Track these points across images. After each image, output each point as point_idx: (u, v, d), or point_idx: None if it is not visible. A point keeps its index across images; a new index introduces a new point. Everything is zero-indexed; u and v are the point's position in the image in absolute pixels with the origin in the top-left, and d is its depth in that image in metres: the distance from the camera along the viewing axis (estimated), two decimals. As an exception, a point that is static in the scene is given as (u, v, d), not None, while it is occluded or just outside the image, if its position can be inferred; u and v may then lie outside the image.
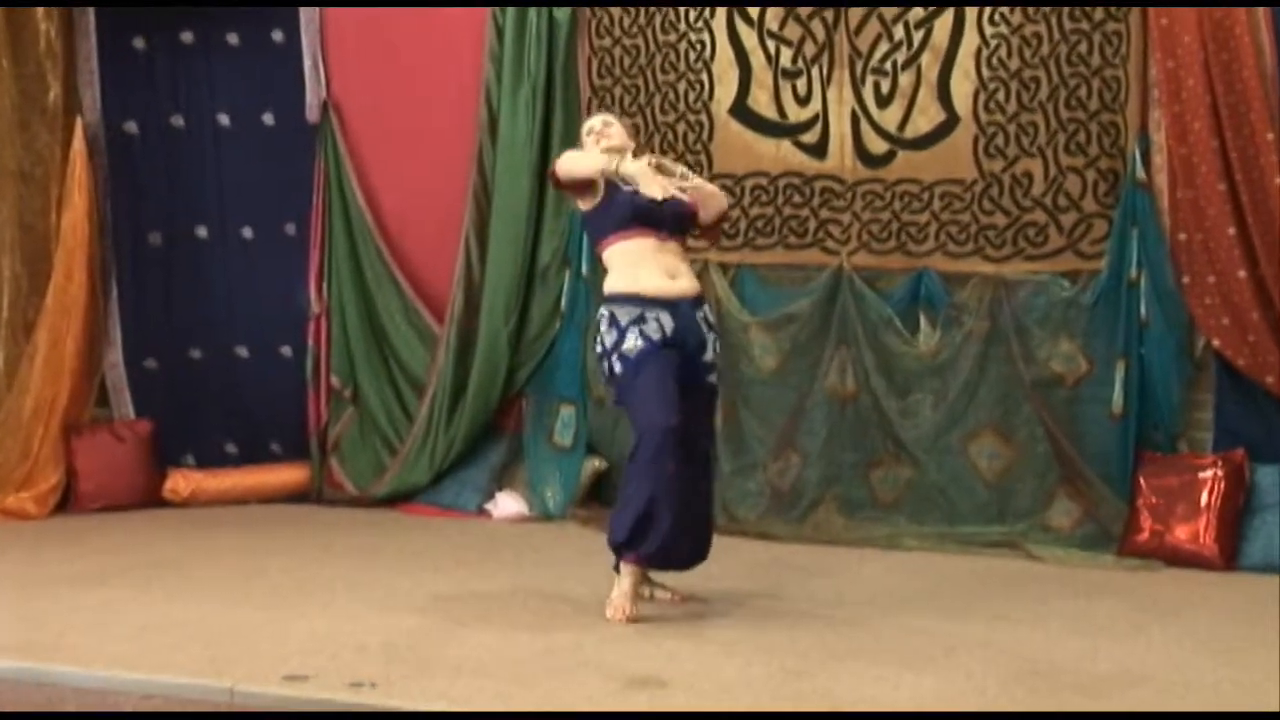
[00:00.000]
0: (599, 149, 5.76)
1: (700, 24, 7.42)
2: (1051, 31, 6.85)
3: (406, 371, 8.05)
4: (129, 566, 6.58)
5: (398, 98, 8.00)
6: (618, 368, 5.57)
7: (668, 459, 5.42)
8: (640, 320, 5.56)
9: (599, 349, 5.67)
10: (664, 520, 5.47)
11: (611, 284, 5.69)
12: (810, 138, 7.29)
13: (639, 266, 5.63)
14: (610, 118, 6.02)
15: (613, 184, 5.66)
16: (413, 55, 7.95)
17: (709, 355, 5.69)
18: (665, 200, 5.68)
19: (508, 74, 7.68)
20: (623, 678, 4.83)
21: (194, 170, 8.25)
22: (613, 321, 5.61)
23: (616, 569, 5.68)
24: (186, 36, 8.21)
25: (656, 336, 5.55)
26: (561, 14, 7.59)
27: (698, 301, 5.70)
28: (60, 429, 7.98)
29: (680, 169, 5.81)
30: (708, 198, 5.85)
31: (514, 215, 7.70)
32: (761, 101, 7.33)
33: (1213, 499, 6.48)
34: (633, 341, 5.54)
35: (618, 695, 4.65)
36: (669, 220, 5.69)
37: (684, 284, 5.66)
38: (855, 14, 7.15)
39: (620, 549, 5.61)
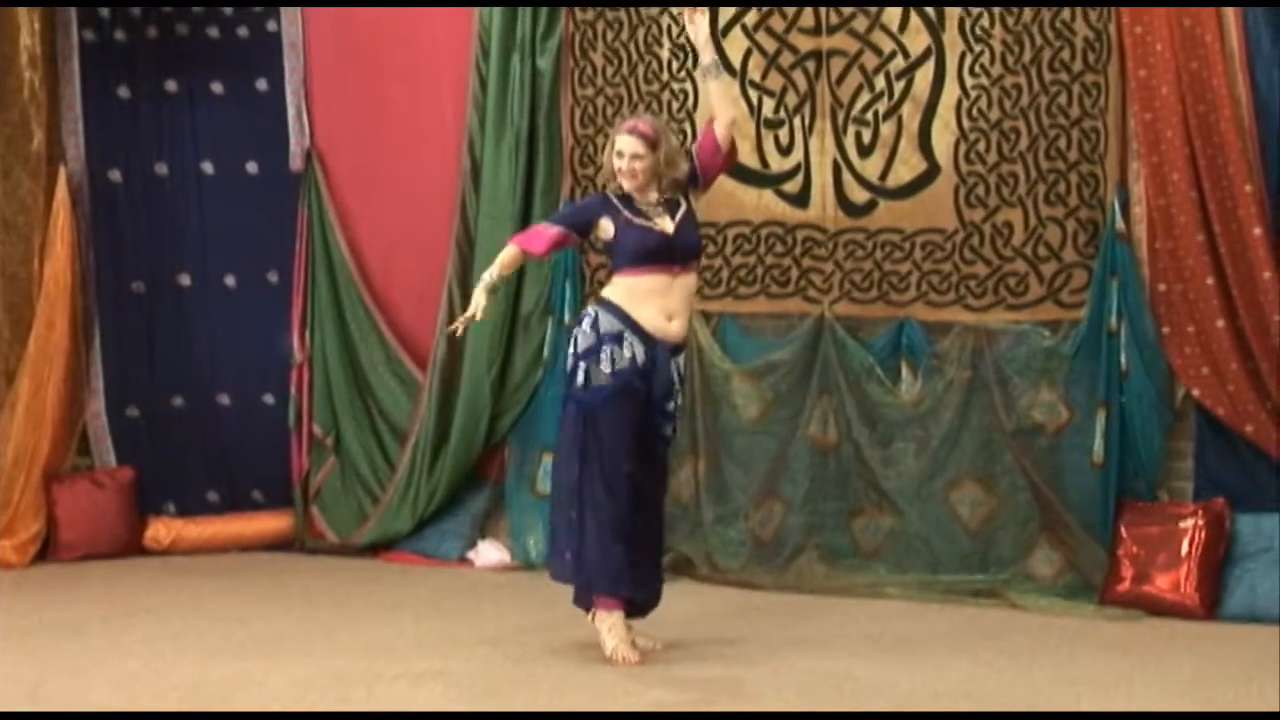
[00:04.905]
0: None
1: (683, 74, 7.46)
2: (1031, 83, 6.90)
3: (388, 420, 8.04)
4: (109, 615, 6.55)
5: (381, 146, 8.02)
6: (578, 382, 5.66)
7: (624, 502, 5.56)
8: (618, 340, 5.64)
9: (572, 347, 5.74)
10: (637, 566, 5.62)
11: (612, 292, 5.77)
12: (792, 187, 7.32)
13: (643, 303, 5.69)
14: (642, 148, 5.73)
15: (623, 221, 5.71)
16: (396, 104, 7.98)
17: (672, 405, 5.75)
18: (676, 233, 5.73)
19: (491, 123, 7.71)
20: (604, 728, 4.83)
21: (177, 218, 8.25)
22: (594, 324, 5.69)
23: (587, 609, 5.74)
24: (171, 85, 8.23)
25: (624, 365, 5.62)
26: (545, 63, 7.62)
27: (676, 349, 5.75)
28: (41, 477, 7.95)
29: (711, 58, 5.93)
30: (722, 107, 5.88)
31: (497, 263, 7.71)
32: (743, 151, 7.33)
33: (1193, 548, 6.49)
34: (600, 371, 5.62)
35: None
36: (680, 253, 5.74)
37: (674, 329, 5.71)
38: (837, 64, 7.19)
39: (592, 594, 5.67)
